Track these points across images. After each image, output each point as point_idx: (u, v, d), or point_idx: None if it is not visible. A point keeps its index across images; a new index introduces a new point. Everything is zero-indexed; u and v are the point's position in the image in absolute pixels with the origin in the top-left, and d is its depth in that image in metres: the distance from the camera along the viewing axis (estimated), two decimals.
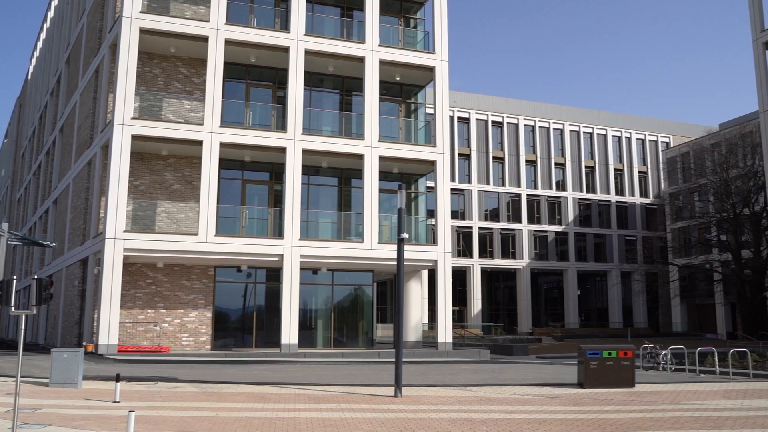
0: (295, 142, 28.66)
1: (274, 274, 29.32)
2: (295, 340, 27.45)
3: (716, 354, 22.31)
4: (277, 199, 29.97)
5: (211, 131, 27.44)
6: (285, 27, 29.87)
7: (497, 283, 65.08)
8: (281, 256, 27.86)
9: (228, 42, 28.32)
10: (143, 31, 27.18)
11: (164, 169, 28.74)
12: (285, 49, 29.20)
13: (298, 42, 29.30)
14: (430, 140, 31.78)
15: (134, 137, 26.50)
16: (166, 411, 12.46)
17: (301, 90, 29.24)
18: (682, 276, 60.69)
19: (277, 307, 28.41)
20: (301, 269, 28.33)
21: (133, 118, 26.50)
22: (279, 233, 28.67)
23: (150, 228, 27.70)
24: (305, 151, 28.86)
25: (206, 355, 26.03)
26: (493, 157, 60.81)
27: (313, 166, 30.46)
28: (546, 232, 61.89)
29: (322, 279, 30.11)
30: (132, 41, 26.79)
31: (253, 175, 30.14)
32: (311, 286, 29.87)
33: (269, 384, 17.31)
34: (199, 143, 27.37)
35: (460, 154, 59.28)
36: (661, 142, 68.48)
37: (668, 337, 51.58)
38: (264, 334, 29.08)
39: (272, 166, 30.22)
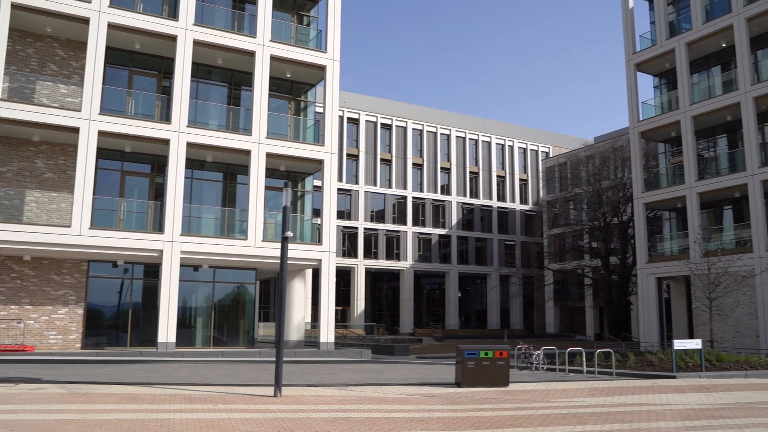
0: (179, 134, 27.75)
1: (152, 270, 28.24)
2: (172, 338, 26.56)
3: (584, 354, 23.50)
4: (158, 193, 28.90)
5: (89, 118, 26.08)
6: (173, 15, 28.85)
7: (381, 283, 65.80)
8: (161, 251, 26.88)
9: (111, 26, 27.00)
10: (15, 7, 25.42)
11: (35, 155, 27.03)
12: (172, 38, 28.23)
13: (186, 31, 28.39)
14: (318, 139, 31.68)
15: (2, 120, 24.76)
16: (28, 414, 11.69)
17: (188, 81, 28.37)
18: (556, 280, 63.76)
19: (155, 304, 27.39)
20: (181, 265, 27.48)
21: (1, 100, 24.76)
22: (159, 228, 27.66)
23: (17, 218, 25.95)
24: (190, 144, 28.01)
25: (76, 354, 24.66)
26: (381, 159, 61.43)
27: (198, 160, 29.61)
28: (430, 234, 63.19)
29: (204, 276, 29.32)
30: (2, 17, 24.99)
31: (134, 167, 28.91)
32: (192, 283, 29.02)
33: (143, 384, 16.63)
34: (76, 130, 25.95)
35: (348, 155, 59.48)
36: (541, 151, 71.59)
37: (542, 338, 54.03)
38: (140, 333, 27.95)
39: (154, 158, 29.11)
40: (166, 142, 27.58)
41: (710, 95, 36.79)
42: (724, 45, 36.83)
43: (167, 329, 26.51)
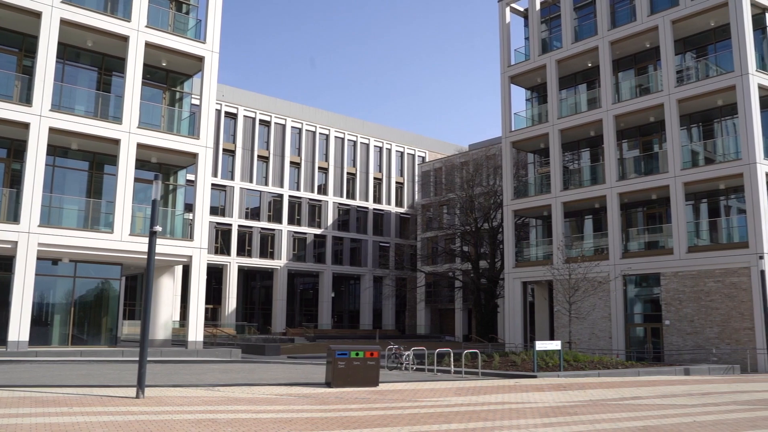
0: (41, 118, 26.00)
1: (4, 262, 26.27)
2: (25, 337, 24.81)
3: (452, 355, 24.13)
4: (14, 180, 26.92)
5: None
6: None
7: (254, 282, 64.75)
8: (15, 243, 25.06)
9: None
10: None
11: None
12: (36, 14, 26.39)
13: (52, 9, 26.63)
14: (193, 132, 30.67)
15: None
16: None
17: (53, 62, 26.62)
18: (428, 282, 65.24)
19: (7, 299, 25.47)
20: (38, 259, 25.73)
21: None
22: (14, 218, 25.75)
23: None
24: (53, 130, 26.30)
25: None
26: (258, 156, 60.48)
27: (62, 146, 27.87)
28: (305, 233, 62.88)
29: (64, 270, 27.60)
30: None
31: None
32: (50, 278, 27.24)
33: None
34: None
35: (224, 150, 58.10)
36: (418, 156, 73.06)
37: (413, 339, 55.07)
38: None
39: (11, 143, 27.11)
40: (26, 125, 25.75)
41: (576, 111, 38.92)
42: (590, 65, 39.08)
43: (19, 327, 24.74)
